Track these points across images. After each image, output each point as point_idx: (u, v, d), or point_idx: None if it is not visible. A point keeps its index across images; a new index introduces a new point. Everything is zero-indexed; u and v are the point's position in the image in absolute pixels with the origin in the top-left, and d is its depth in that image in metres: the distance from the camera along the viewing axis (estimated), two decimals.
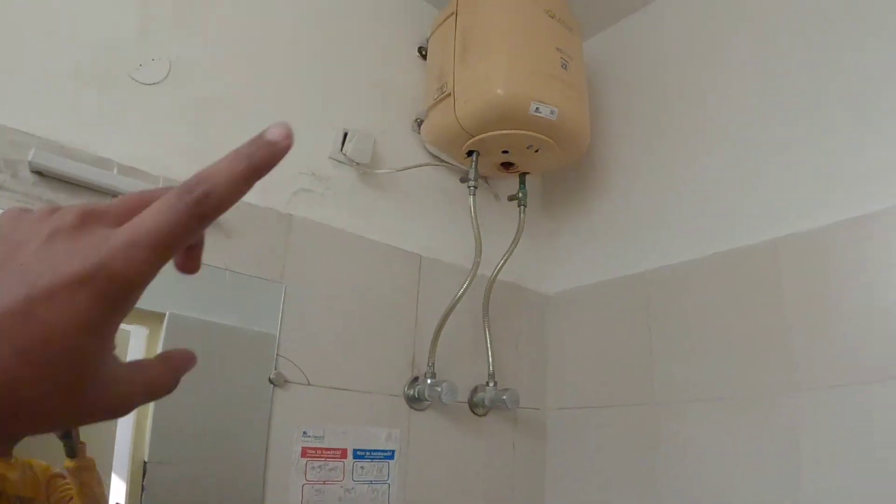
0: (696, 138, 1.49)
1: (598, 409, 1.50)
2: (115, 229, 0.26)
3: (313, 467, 1.17)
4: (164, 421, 1.01)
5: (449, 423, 1.41)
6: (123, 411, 0.28)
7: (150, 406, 1.01)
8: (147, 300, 0.28)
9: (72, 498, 0.89)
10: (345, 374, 1.27)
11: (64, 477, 0.90)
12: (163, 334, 1.04)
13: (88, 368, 0.25)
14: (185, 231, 0.26)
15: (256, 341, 1.17)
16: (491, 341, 1.48)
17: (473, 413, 1.47)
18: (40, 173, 0.98)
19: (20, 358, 0.23)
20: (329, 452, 1.20)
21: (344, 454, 1.22)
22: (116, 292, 0.25)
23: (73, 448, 0.92)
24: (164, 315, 1.05)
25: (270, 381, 1.15)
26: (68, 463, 0.91)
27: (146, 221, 0.25)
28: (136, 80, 1.13)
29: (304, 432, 1.18)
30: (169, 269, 0.29)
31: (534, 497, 1.53)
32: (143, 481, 0.97)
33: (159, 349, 1.03)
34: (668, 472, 1.32)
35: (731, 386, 1.25)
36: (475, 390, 1.47)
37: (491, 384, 1.46)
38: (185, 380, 0.32)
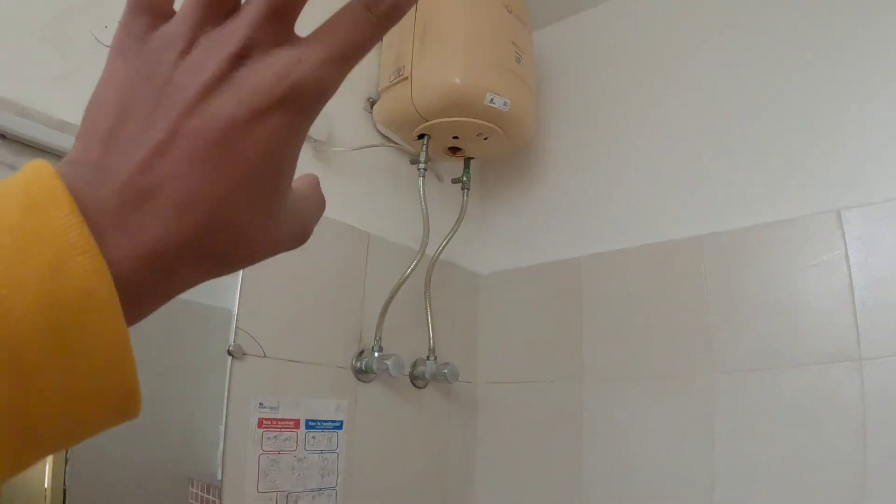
0: (632, 136, 1.60)
1: (527, 384, 1.61)
2: (303, 47, 0.24)
3: (269, 437, 1.20)
4: None
5: (392, 394, 1.48)
6: (304, 238, 0.28)
7: None
8: None
9: None
10: (297, 346, 1.30)
11: None
12: None
13: (283, 183, 0.25)
14: (372, 43, 0.25)
15: (214, 316, 1.18)
16: (432, 317, 1.55)
17: (414, 385, 1.54)
18: (2, 136, 0.94)
19: (223, 180, 0.23)
20: (283, 423, 1.23)
21: (297, 425, 1.26)
22: (311, 106, 0.25)
23: None
24: None
25: (229, 352, 1.17)
26: None
27: (338, 34, 0.25)
28: (101, 42, 1.09)
29: (261, 403, 1.21)
30: None
31: (466, 465, 1.63)
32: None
33: None
34: (592, 444, 1.45)
35: (654, 367, 1.39)
36: (415, 364, 1.54)
37: (431, 358, 1.53)
38: (147, 352, 0.24)
